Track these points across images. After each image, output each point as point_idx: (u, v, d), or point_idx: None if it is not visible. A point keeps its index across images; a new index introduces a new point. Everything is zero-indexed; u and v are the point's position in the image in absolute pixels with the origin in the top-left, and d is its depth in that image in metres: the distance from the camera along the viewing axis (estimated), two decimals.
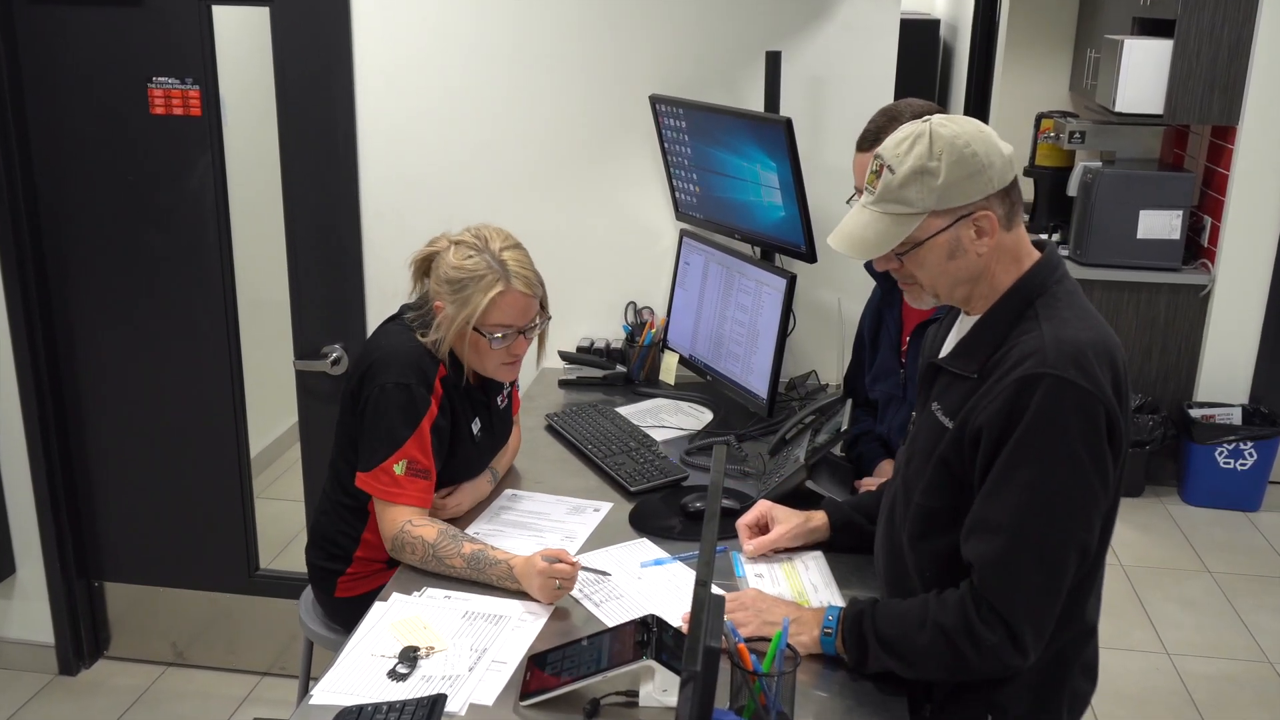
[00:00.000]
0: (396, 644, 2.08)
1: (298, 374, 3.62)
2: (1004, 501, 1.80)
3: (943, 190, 1.82)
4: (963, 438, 1.86)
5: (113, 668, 4.00)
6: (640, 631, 1.92)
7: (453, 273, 2.44)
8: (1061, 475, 1.78)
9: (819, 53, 3.24)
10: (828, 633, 1.99)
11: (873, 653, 1.93)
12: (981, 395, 1.84)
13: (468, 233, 2.50)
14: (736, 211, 3.18)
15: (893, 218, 1.85)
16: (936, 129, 1.83)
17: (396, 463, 2.41)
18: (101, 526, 3.88)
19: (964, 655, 1.83)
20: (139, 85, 3.40)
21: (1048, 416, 1.76)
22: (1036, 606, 1.82)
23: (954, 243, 1.85)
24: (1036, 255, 1.93)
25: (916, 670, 1.91)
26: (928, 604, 1.89)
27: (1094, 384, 1.76)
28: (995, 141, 1.85)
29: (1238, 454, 5.32)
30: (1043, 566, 1.81)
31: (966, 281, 1.90)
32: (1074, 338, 1.80)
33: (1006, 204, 1.87)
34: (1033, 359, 1.79)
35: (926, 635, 1.87)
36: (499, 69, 3.36)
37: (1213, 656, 4.23)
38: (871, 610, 1.95)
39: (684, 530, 2.52)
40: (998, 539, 1.80)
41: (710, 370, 3.24)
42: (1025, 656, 1.83)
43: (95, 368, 3.71)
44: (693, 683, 1.45)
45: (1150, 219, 5.40)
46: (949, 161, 1.81)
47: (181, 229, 3.53)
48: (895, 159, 1.84)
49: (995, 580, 1.82)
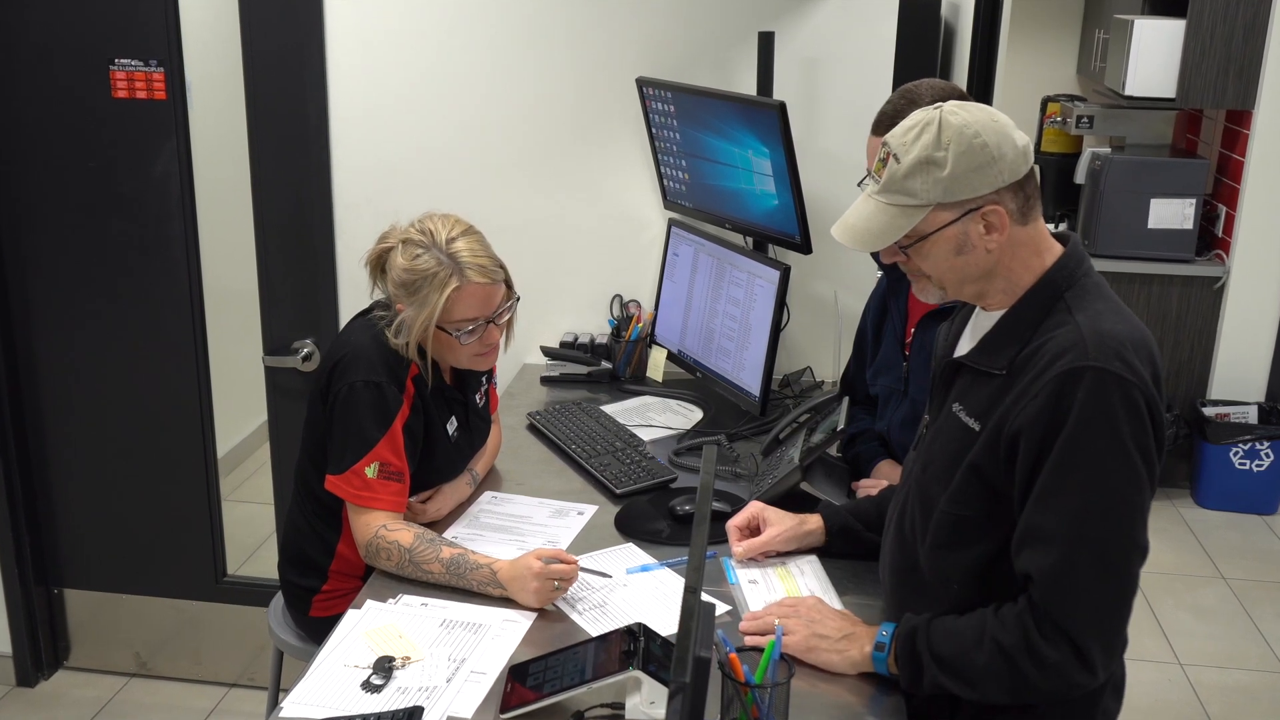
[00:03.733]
0: (371, 654, 2.08)
1: (267, 370, 3.61)
2: (1058, 507, 1.77)
3: (949, 182, 1.80)
4: (998, 442, 1.83)
5: (73, 679, 3.99)
6: (626, 641, 1.92)
7: (403, 275, 2.42)
8: (1116, 474, 1.75)
9: (814, 33, 3.24)
10: (880, 649, 1.97)
11: (928, 672, 1.89)
12: (1017, 395, 1.81)
13: (413, 228, 2.47)
14: (728, 200, 3.18)
15: (897, 209, 1.84)
16: (946, 117, 1.81)
17: (368, 465, 2.41)
18: (61, 530, 3.87)
19: (1026, 675, 1.80)
20: (100, 67, 3.39)
21: (1095, 412, 1.74)
22: (1103, 619, 1.79)
23: (962, 237, 1.84)
24: (1058, 248, 1.92)
25: (977, 691, 1.87)
26: (985, 620, 1.86)
27: (1137, 376, 1.75)
28: (1009, 131, 1.82)
29: (1254, 454, 5.33)
30: (1107, 575, 1.78)
31: (976, 278, 1.89)
32: (1112, 329, 1.79)
33: (1020, 198, 1.84)
34: (1072, 353, 1.77)
35: (985, 654, 1.83)
36: (479, 49, 3.36)
37: (1227, 667, 4.24)
38: (926, 627, 1.92)
39: (672, 534, 2.52)
40: (1054, 548, 1.77)
41: (700, 366, 3.24)
42: (1094, 674, 1.80)
43: (54, 363, 3.70)
44: (681, 695, 1.45)
45: (1162, 208, 5.41)
46: (956, 152, 1.79)
47: (145, 218, 3.52)
48: (901, 147, 1.83)
49: (1056, 593, 1.78)
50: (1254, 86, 5.26)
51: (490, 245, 2.49)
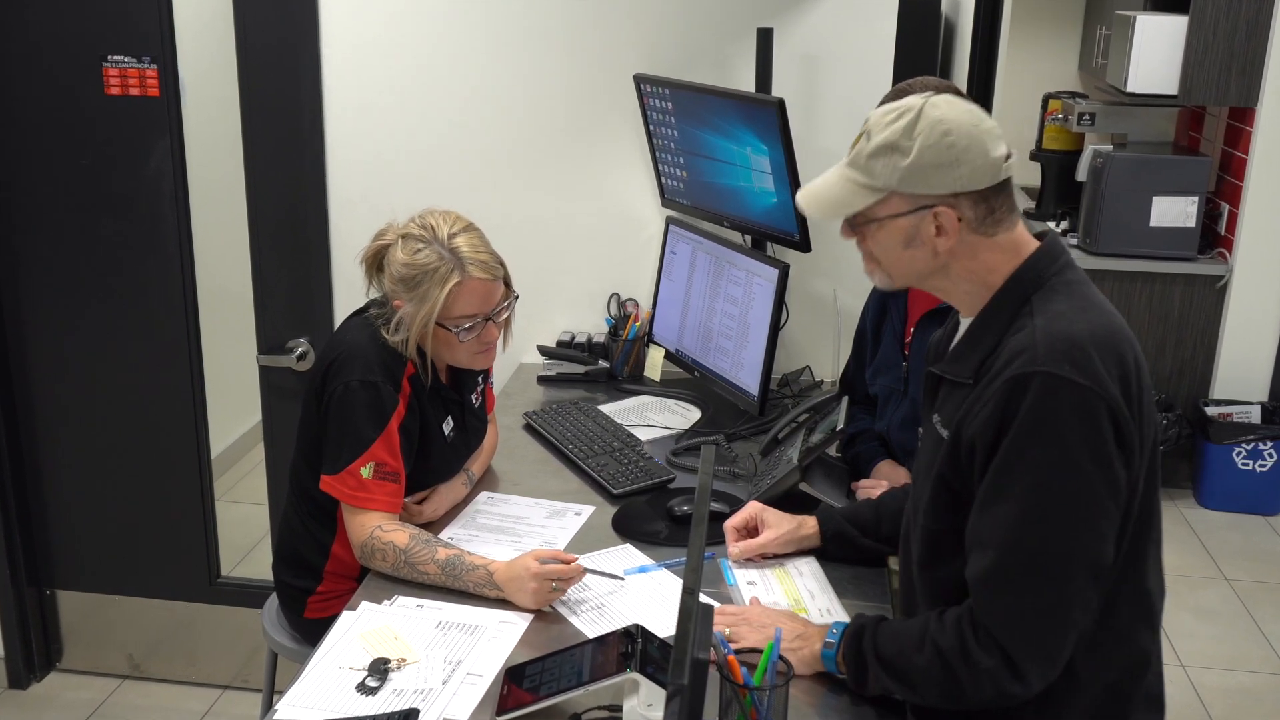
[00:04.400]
0: (366, 656, 2.08)
1: (261, 370, 3.61)
2: (996, 514, 1.75)
3: (906, 173, 1.79)
4: (958, 450, 1.82)
5: (65, 681, 3.98)
6: (624, 643, 1.92)
7: (404, 270, 2.42)
8: (1059, 483, 1.72)
9: (813, 30, 3.24)
10: (829, 645, 1.97)
11: (872, 672, 1.90)
12: (972, 402, 1.80)
13: (413, 223, 2.48)
14: (726, 197, 3.18)
15: (855, 186, 1.84)
16: (928, 108, 1.80)
17: (363, 465, 2.41)
18: (53, 531, 3.87)
19: (959, 680, 1.79)
20: (93, 64, 3.39)
21: (1040, 419, 1.70)
22: (1035, 629, 1.76)
23: (912, 231, 1.82)
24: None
25: (917, 694, 1.87)
26: (928, 623, 1.86)
27: (1093, 379, 1.70)
28: (986, 140, 1.79)
29: (1256, 454, 5.34)
30: (1041, 584, 1.74)
31: (927, 275, 1.88)
32: (1067, 331, 1.75)
33: (982, 209, 1.81)
34: (1022, 357, 1.73)
35: (925, 656, 1.83)
36: (475, 44, 3.36)
37: (1229, 669, 4.25)
38: (874, 627, 1.93)
39: (670, 535, 2.52)
40: (989, 555, 1.76)
41: (698, 366, 3.24)
42: (1025, 684, 1.77)
43: (46, 362, 3.70)
44: (679, 697, 1.45)
45: (1164, 206, 5.41)
46: (923, 145, 1.77)
47: (138, 216, 3.51)
48: (876, 126, 1.83)
49: (988, 600, 1.77)
50: (1257, 83, 5.26)
51: (490, 242, 2.49)
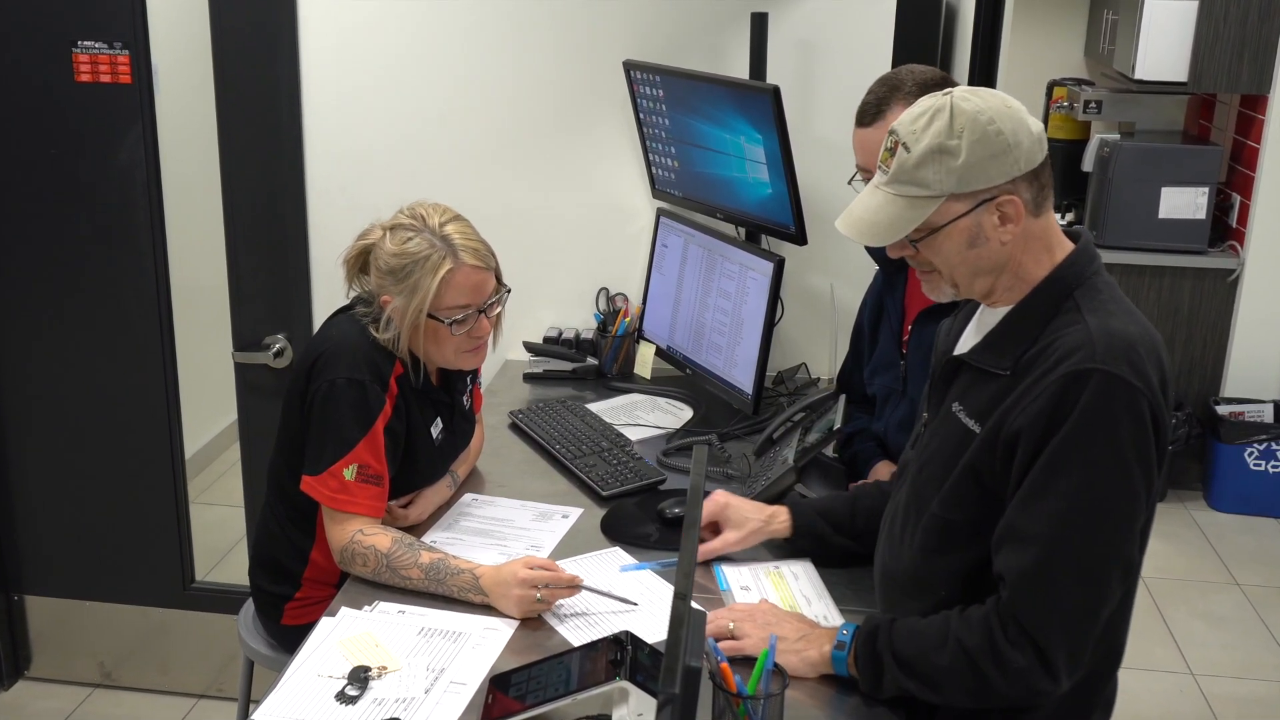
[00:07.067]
0: (345, 663, 2.08)
1: (237, 367, 3.61)
2: (1042, 508, 1.79)
3: (963, 171, 1.81)
4: (996, 443, 1.85)
5: (34, 689, 3.98)
6: (613, 650, 1.93)
7: (393, 260, 2.43)
8: (1108, 481, 1.77)
9: (809, 14, 3.25)
10: (840, 647, 1.99)
11: (889, 673, 1.92)
12: (1020, 395, 1.83)
13: (401, 214, 2.49)
14: (719, 188, 3.18)
15: (908, 200, 1.85)
16: (958, 103, 1.82)
17: (346, 467, 2.40)
18: (21, 534, 3.87)
19: (988, 678, 1.83)
20: (62, 50, 3.38)
21: (1097, 415, 1.75)
22: (1073, 627, 1.81)
23: (975, 229, 1.85)
24: (1069, 244, 1.93)
25: (939, 694, 1.89)
26: (950, 621, 1.89)
27: (1145, 382, 1.77)
28: (1023, 118, 1.84)
29: (1269, 455, 5.35)
30: (1083, 583, 1.80)
31: (989, 272, 1.90)
32: (1123, 331, 1.81)
33: (1035, 187, 1.86)
34: (1081, 353, 1.78)
35: (947, 655, 1.86)
36: (459, 30, 3.36)
37: (1241, 677, 4.26)
38: (888, 627, 1.95)
39: (661, 538, 2.53)
40: (1032, 550, 1.79)
41: (690, 363, 3.25)
42: (1056, 682, 1.82)
43: (13, 359, 3.69)
44: (670, 706, 1.46)
45: (1173, 197, 5.42)
46: (971, 140, 1.80)
47: (109, 208, 3.51)
48: (911, 136, 1.84)
49: (1028, 596, 1.81)
50: (1269, 70, 5.27)
51: (480, 234, 2.50)
